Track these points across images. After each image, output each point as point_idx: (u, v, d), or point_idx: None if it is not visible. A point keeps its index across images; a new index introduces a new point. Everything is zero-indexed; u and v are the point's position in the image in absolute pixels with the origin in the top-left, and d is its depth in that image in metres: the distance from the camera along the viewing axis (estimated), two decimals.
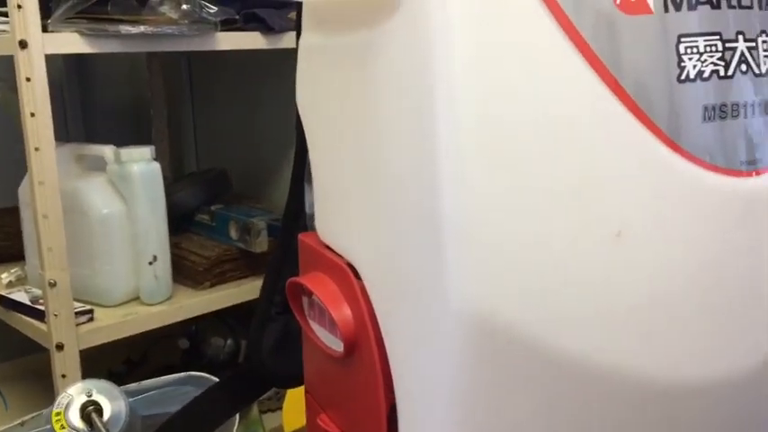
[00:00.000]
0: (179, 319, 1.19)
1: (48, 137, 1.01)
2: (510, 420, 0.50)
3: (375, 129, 0.52)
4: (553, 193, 0.46)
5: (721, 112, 0.47)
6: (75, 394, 0.81)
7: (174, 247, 1.23)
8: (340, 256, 0.58)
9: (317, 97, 0.60)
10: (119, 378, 1.34)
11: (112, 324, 1.12)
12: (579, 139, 0.46)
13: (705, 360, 0.50)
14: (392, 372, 0.53)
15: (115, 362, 1.39)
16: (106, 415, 0.80)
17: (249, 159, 1.55)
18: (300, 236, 0.65)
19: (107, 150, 1.14)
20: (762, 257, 0.51)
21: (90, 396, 0.81)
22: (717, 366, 0.50)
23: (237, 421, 0.93)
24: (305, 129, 0.63)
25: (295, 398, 1.13)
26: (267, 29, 1.21)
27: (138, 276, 1.17)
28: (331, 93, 0.57)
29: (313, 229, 0.64)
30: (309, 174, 0.64)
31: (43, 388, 1.14)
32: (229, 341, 1.37)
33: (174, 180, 1.47)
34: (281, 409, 1.26)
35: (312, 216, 0.63)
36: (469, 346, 0.48)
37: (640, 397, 0.49)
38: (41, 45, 1.00)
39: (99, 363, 1.27)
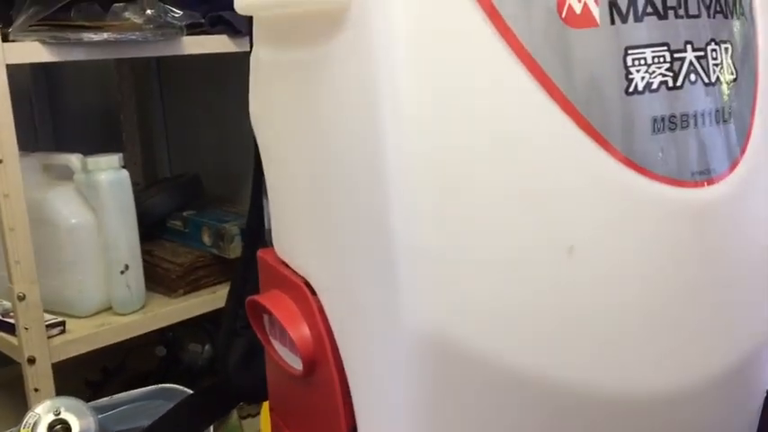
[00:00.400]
0: (153, 328, 1.18)
1: (12, 148, 1.00)
2: None
3: (324, 145, 0.51)
4: (504, 210, 0.45)
5: (671, 123, 0.47)
6: (42, 413, 0.80)
7: (147, 254, 1.22)
8: (298, 273, 0.58)
9: (269, 111, 0.59)
10: (96, 387, 1.33)
11: (85, 335, 1.10)
12: (529, 155, 0.45)
13: (660, 373, 0.49)
14: (351, 390, 0.53)
15: (92, 371, 1.38)
16: None
17: (222, 163, 1.54)
18: (259, 252, 0.64)
19: (74, 159, 1.13)
20: (717, 266, 0.50)
21: (58, 414, 0.80)
22: (671, 379, 0.50)
23: None
24: (258, 143, 0.62)
25: None
26: (234, 31, 1.19)
27: (109, 286, 1.16)
28: (282, 107, 0.56)
29: (272, 244, 0.63)
30: (267, 188, 0.63)
31: (16, 401, 1.13)
32: (207, 347, 1.36)
33: (146, 186, 1.46)
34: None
35: (270, 231, 0.63)
36: (424, 363, 0.47)
37: (596, 411, 0.49)
38: (2, 55, 0.99)
39: (75, 372, 1.26)
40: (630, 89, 0.46)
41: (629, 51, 0.45)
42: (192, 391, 0.91)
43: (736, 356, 0.54)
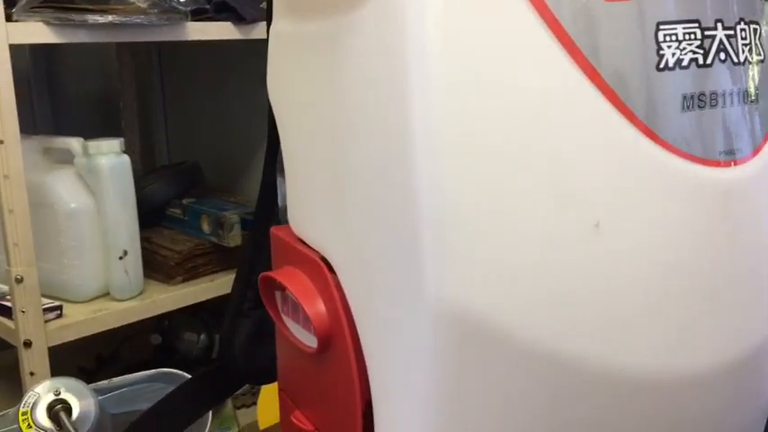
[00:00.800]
0: (150, 314, 1.17)
1: (13, 129, 0.99)
2: (488, 416, 0.49)
3: (347, 119, 0.50)
4: (530, 184, 0.45)
5: (700, 101, 0.46)
6: (42, 393, 0.79)
7: (145, 241, 1.21)
8: (313, 249, 0.57)
9: (288, 86, 0.58)
10: (89, 375, 1.32)
11: (82, 320, 1.09)
12: (556, 129, 0.45)
13: (684, 351, 0.49)
14: (367, 368, 0.52)
15: (86, 358, 1.37)
16: (75, 414, 0.79)
17: (222, 151, 1.53)
18: (273, 229, 0.64)
19: (74, 143, 1.12)
20: (740, 248, 0.50)
21: (58, 395, 0.79)
22: (696, 357, 0.50)
23: (211, 418, 0.91)
24: (276, 118, 0.62)
25: (270, 394, 1.12)
26: (238, 18, 1.19)
27: (107, 272, 1.15)
28: (302, 82, 0.56)
29: (286, 222, 0.62)
30: (282, 165, 0.62)
31: (11, 385, 1.11)
32: (203, 336, 1.35)
33: (145, 173, 1.45)
34: (256, 404, 1.24)
35: (285, 209, 0.62)
36: (446, 341, 0.46)
37: (621, 389, 0.49)
38: (6, 35, 0.98)
39: (69, 359, 1.25)
40: (661, 65, 0.45)
41: (661, 27, 0.45)
42: (191, 377, 0.90)
43: (752, 341, 0.53)
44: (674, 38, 0.46)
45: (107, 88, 1.64)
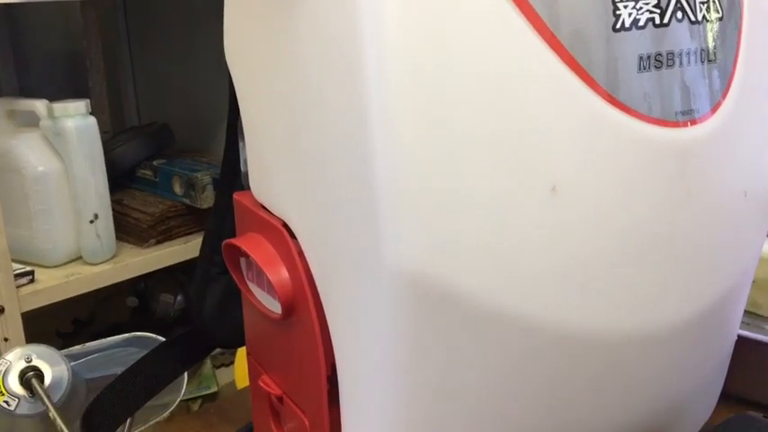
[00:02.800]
0: (124, 278, 1.17)
1: None
2: (451, 380, 0.49)
3: (303, 82, 0.50)
4: (486, 148, 0.45)
5: (656, 61, 0.46)
6: (13, 360, 0.79)
7: (116, 204, 1.20)
8: (275, 215, 0.57)
9: (245, 48, 0.57)
10: (66, 338, 1.32)
11: (55, 285, 1.09)
12: (513, 91, 0.44)
13: (643, 312, 0.50)
14: (331, 333, 0.53)
15: (62, 322, 1.37)
16: (47, 380, 0.79)
17: (192, 110, 1.51)
18: (235, 195, 0.63)
19: (39, 105, 1.10)
20: (699, 206, 0.50)
21: (30, 362, 0.79)
22: (655, 317, 0.50)
23: (186, 380, 0.92)
24: (234, 81, 0.60)
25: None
26: None
27: (79, 235, 1.14)
28: (258, 44, 0.55)
29: (248, 187, 0.62)
30: (242, 129, 0.61)
31: None
32: (179, 297, 1.36)
33: (113, 134, 1.43)
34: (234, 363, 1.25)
35: (246, 174, 0.61)
36: (406, 305, 0.47)
37: (583, 350, 0.49)
38: None
39: (45, 323, 1.25)
40: (618, 26, 0.45)
41: None
42: (165, 340, 0.90)
43: (713, 297, 0.54)
44: None
45: (73, 48, 1.61)
